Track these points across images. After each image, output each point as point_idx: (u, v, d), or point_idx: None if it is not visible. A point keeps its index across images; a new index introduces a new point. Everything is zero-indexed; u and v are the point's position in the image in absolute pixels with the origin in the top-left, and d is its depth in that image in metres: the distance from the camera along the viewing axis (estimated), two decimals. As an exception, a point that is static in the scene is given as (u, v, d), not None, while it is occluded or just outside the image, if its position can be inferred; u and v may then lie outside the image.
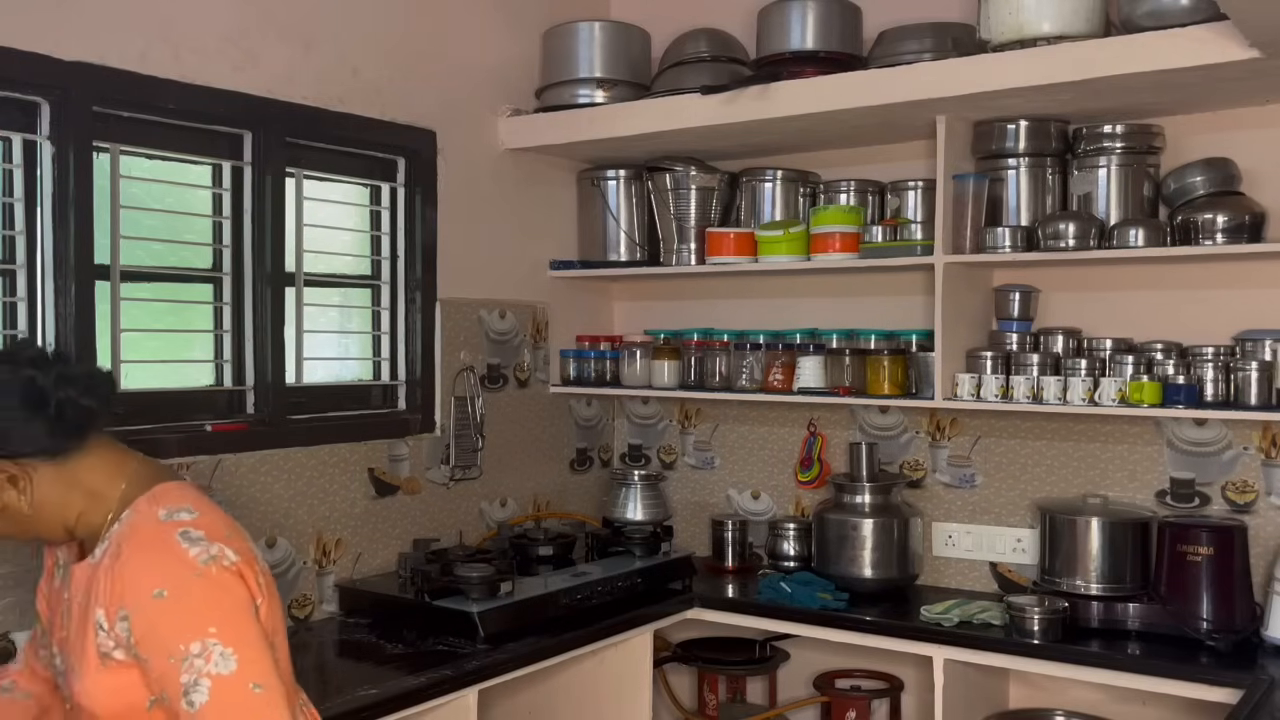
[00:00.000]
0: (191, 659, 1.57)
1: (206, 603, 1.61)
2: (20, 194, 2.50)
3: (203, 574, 1.61)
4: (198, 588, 1.61)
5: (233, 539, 1.70)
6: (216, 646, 1.58)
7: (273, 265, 2.91)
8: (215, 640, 1.58)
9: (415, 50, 3.24)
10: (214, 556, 1.63)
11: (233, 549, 1.67)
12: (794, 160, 3.62)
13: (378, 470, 3.15)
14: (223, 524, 1.72)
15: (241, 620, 1.62)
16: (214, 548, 1.64)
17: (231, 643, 1.58)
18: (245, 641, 1.60)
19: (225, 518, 1.75)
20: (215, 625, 1.59)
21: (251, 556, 1.70)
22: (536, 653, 2.76)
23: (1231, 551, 2.81)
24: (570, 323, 3.82)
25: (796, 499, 3.67)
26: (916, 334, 3.31)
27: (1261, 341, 2.84)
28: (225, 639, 1.58)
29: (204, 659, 1.57)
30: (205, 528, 1.67)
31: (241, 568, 1.66)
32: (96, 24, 2.52)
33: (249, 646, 1.60)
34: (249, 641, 1.61)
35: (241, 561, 1.66)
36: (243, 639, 1.60)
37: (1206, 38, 2.52)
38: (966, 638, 2.91)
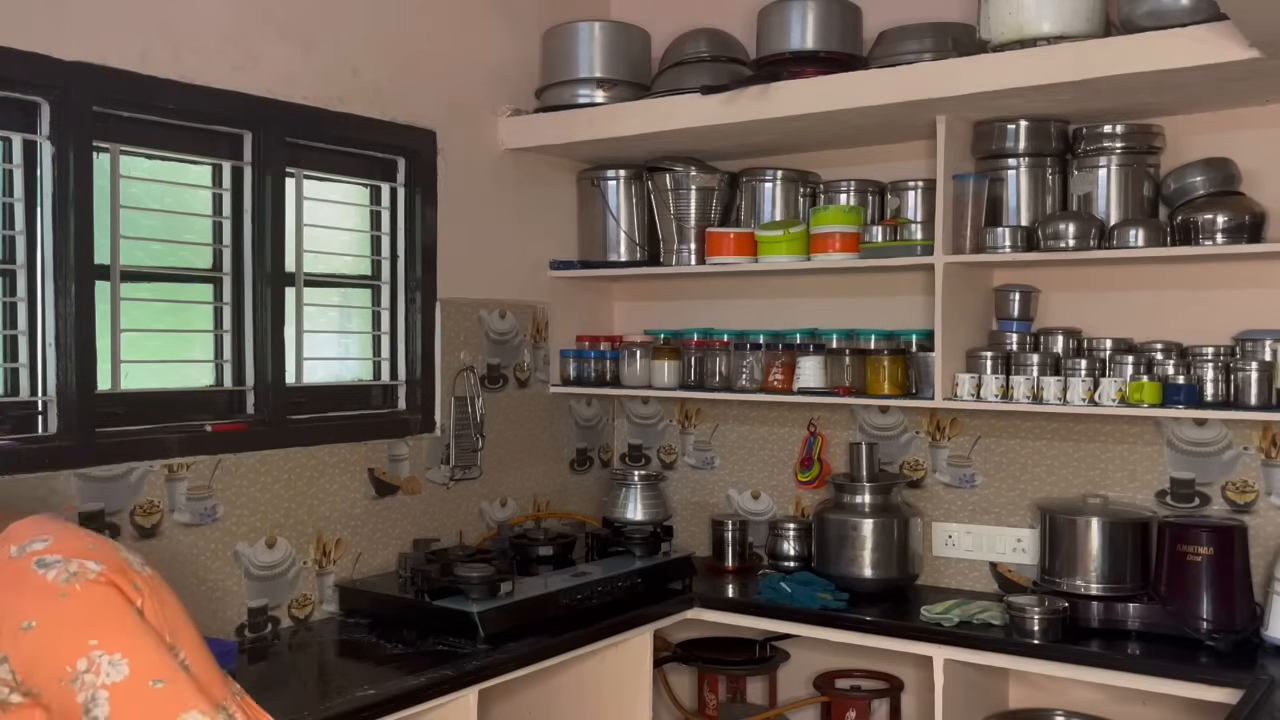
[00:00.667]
0: (80, 676, 1.48)
1: (79, 619, 1.52)
2: (20, 194, 2.50)
3: (67, 593, 1.55)
4: (65, 607, 1.52)
5: (95, 551, 1.59)
6: (103, 657, 1.49)
7: (273, 265, 2.91)
8: (100, 651, 1.49)
9: (415, 50, 3.24)
10: (74, 574, 1.56)
11: (94, 560, 1.58)
12: (794, 160, 3.62)
13: (378, 470, 3.15)
14: (81, 542, 1.61)
15: (121, 625, 1.53)
16: (73, 564, 1.57)
17: (117, 648, 1.50)
18: (132, 645, 1.52)
19: (85, 536, 1.64)
20: (95, 637, 1.50)
21: (120, 563, 1.59)
22: (536, 653, 2.76)
23: (1231, 551, 2.81)
24: (570, 323, 3.82)
25: (796, 499, 3.67)
26: (916, 334, 3.31)
27: (1261, 341, 2.84)
28: (109, 647, 1.51)
29: (93, 673, 1.48)
30: (60, 550, 1.58)
31: (110, 575, 1.56)
32: (96, 24, 2.52)
33: (137, 649, 1.52)
34: (136, 644, 1.52)
35: (108, 569, 1.57)
36: (128, 642, 1.52)
37: (1206, 38, 2.51)
38: (966, 638, 2.91)
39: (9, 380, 2.53)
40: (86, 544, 1.62)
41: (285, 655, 2.72)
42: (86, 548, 1.61)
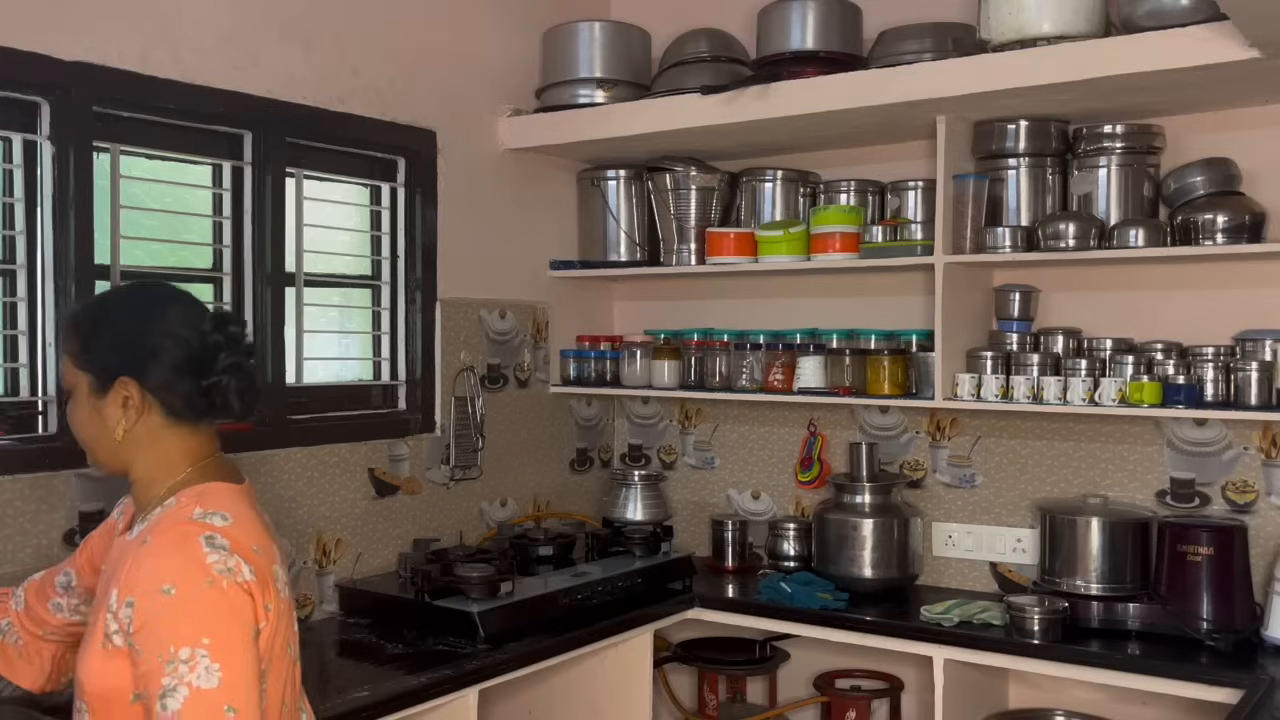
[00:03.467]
0: (178, 663, 1.54)
1: (207, 612, 1.58)
2: (20, 194, 2.50)
3: (214, 583, 1.59)
4: (204, 595, 1.58)
5: (257, 557, 1.65)
6: (205, 658, 1.55)
7: (273, 265, 2.91)
8: (205, 652, 1.55)
9: (415, 50, 3.24)
10: (230, 569, 1.60)
11: (252, 566, 1.63)
12: (794, 160, 3.62)
13: (378, 470, 3.15)
14: (253, 538, 1.68)
15: (237, 639, 1.59)
16: (233, 560, 1.61)
17: (220, 658, 1.55)
18: (234, 662, 1.57)
19: (261, 534, 1.71)
20: (209, 636, 1.56)
21: (269, 579, 1.66)
22: (536, 653, 2.76)
23: (1231, 551, 2.81)
24: (570, 323, 3.82)
25: (796, 499, 3.67)
26: (916, 334, 3.31)
27: (1261, 341, 2.84)
28: (215, 653, 1.55)
29: (189, 667, 1.54)
30: (233, 538, 1.64)
31: (254, 588, 1.62)
32: (96, 24, 2.52)
33: (236, 668, 1.57)
34: (238, 663, 1.58)
35: (256, 582, 1.62)
36: (233, 658, 1.57)
37: (1206, 38, 2.52)
38: (966, 638, 2.91)
39: (9, 380, 2.53)
40: (253, 544, 1.67)
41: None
42: (251, 549, 1.67)
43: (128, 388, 1.70)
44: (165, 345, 1.72)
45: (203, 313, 1.78)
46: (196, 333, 1.74)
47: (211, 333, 1.74)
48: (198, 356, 1.73)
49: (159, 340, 1.72)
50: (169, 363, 1.71)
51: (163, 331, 1.73)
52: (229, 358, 1.75)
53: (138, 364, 1.71)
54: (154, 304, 1.79)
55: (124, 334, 1.74)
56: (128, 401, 1.71)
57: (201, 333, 1.74)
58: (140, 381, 1.71)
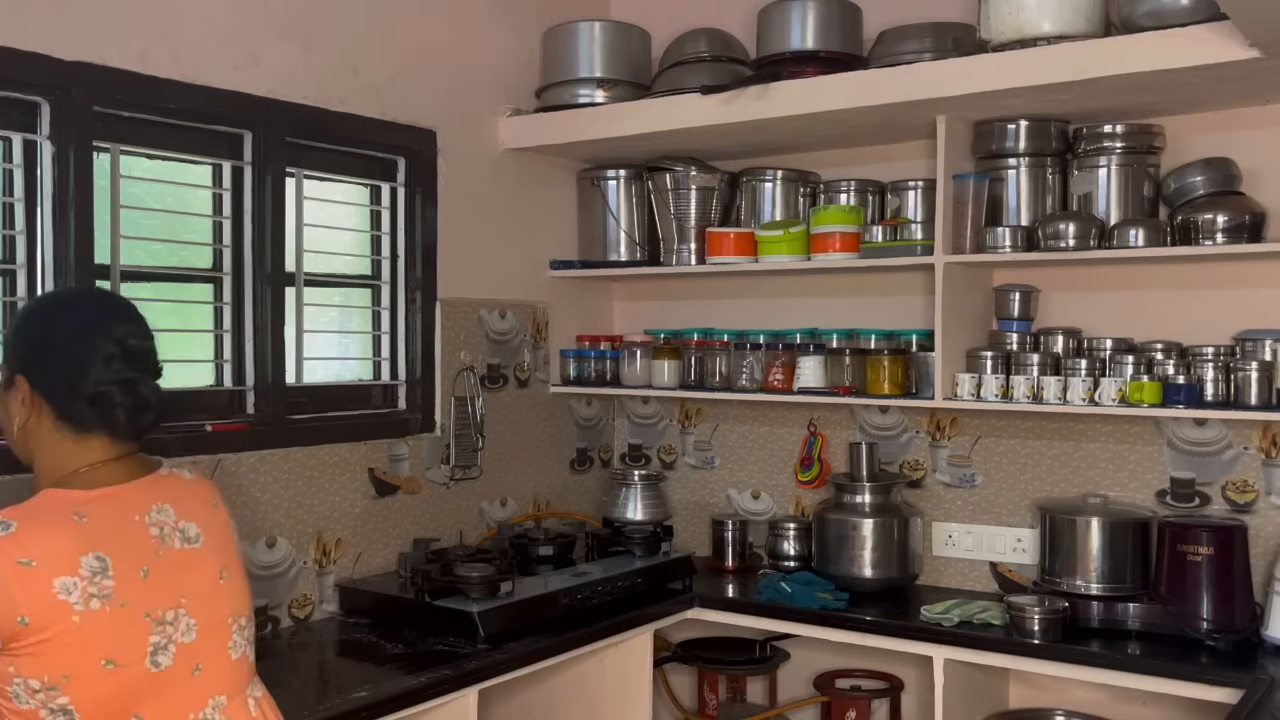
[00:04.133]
0: None
1: None
2: (20, 194, 2.50)
3: None
4: None
5: (23, 570, 1.61)
6: None
7: (273, 265, 2.91)
8: None
9: (415, 50, 3.24)
10: None
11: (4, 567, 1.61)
12: (794, 160, 3.62)
13: (378, 470, 3.15)
14: (33, 552, 1.63)
15: None
16: None
17: None
18: None
19: (65, 541, 1.66)
20: None
21: (39, 592, 1.62)
22: (536, 653, 2.76)
23: (1231, 551, 2.81)
24: (570, 323, 3.82)
25: (796, 499, 3.67)
26: (916, 334, 3.31)
27: (1261, 341, 2.84)
28: None
29: None
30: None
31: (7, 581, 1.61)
32: (96, 24, 2.52)
33: None
34: None
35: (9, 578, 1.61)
36: None
37: (1206, 38, 2.52)
38: (966, 638, 2.91)
39: None
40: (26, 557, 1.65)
41: (285, 655, 2.72)
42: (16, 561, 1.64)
43: (22, 386, 1.79)
44: (54, 351, 1.79)
45: (109, 323, 1.82)
46: (89, 343, 1.78)
47: (107, 345, 1.78)
48: (86, 367, 1.77)
49: (52, 345, 1.80)
50: (54, 369, 1.78)
51: (56, 338, 1.80)
52: (121, 372, 1.78)
53: (30, 364, 1.79)
54: (62, 311, 1.87)
55: (27, 336, 1.83)
56: (22, 399, 1.79)
57: (96, 343, 1.78)
58: (30, 381, 1.79)
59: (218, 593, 1.84)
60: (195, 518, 1.85)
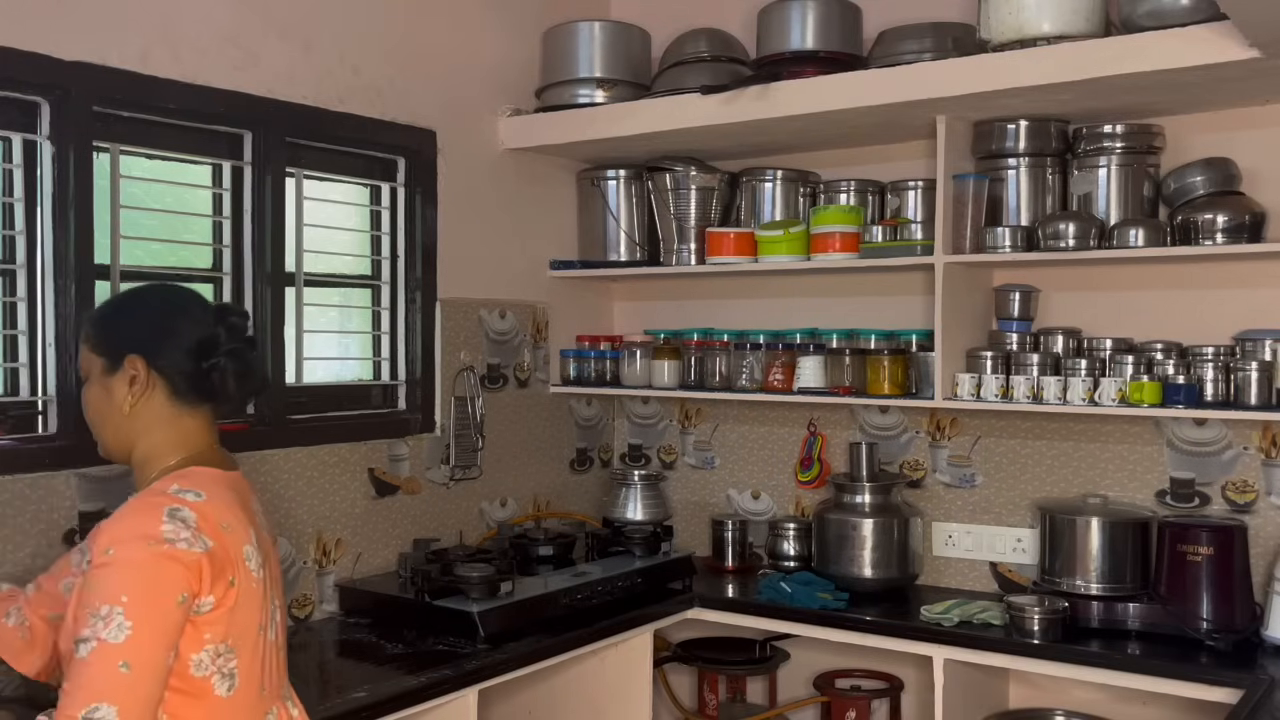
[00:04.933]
0: (98, 618, 1.61)
1: (134, 573, 1.64)
2: (20, 194, 2.50)
3: (153, 548, 1.65)
4: (137, 558, 1.64)
5: (224, 534, 1.73)
6: (119, 615, 1.61)
7: (273, 265, 2.91)
8: (121, 609, 1.61)
9: (415, 50, 3.24)
10: (181, 539, 1.66)
11: (215, 542, 1.70)
12: (794, 160, 3.62)
13: (378, 470, 3.15)
14: (225, 517, 1.75)
15: (157, 602, 1.64)
16: (188, 531, 1.67)
17: (133, 617, 1.61)
18: (148, 623, 1.62)
19: (237, 515, 1.78)
20: (128, 594, 1.62)
21: (235, 557, 1.73)
22: (536, 653, 2.76)
23: (1231, 551, 2.81)
24: (570, 323, 3.82)
25: (796, 499, 3.67)
26: (916, 334, 3.31)
27: (1261, 341, 2.84)
28: (130, 612, 1.61)
29: (104, 622, 1.60)
30: (202, 513, 1.71)
31: (205, 560, 1.68)
32: (96, 24, 2.52)
33: (147, 629, 1.62)
34: (151, 625, 1.63)
35: (212, 555, 1.69)
36: (147, 619, 1.62)
37: (1206, 38, 2.52)
38: (966, 638, 2.91)
39: (9, 380, 2.53)
40: (223, 522, 1.74)
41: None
42: (220, 525, 1.73)
43: (135, 365, 1.86)
44: (171, 328, 1.88)
45: (207, 304, 1.95)
46: (201, 320, 1.90)
47: (215, 322, 1.90)
48: (201, 340, 1.87)
49: (166, 324, 1.88)
50: (174, 344, 1.87)
51: (170, 317, 1.89)
52: (229, 344, 1.89)
53: (146, 344, 1.86)
54: (163, 296, 2.00)
55: (135, 319, 1.91)
56: (135, 379, 1.85)
57: (205, 321, 1.90)
58: (148, 360, 1.85)
59: (281, 584, 1.97)
60: (263, 513, 1.96)
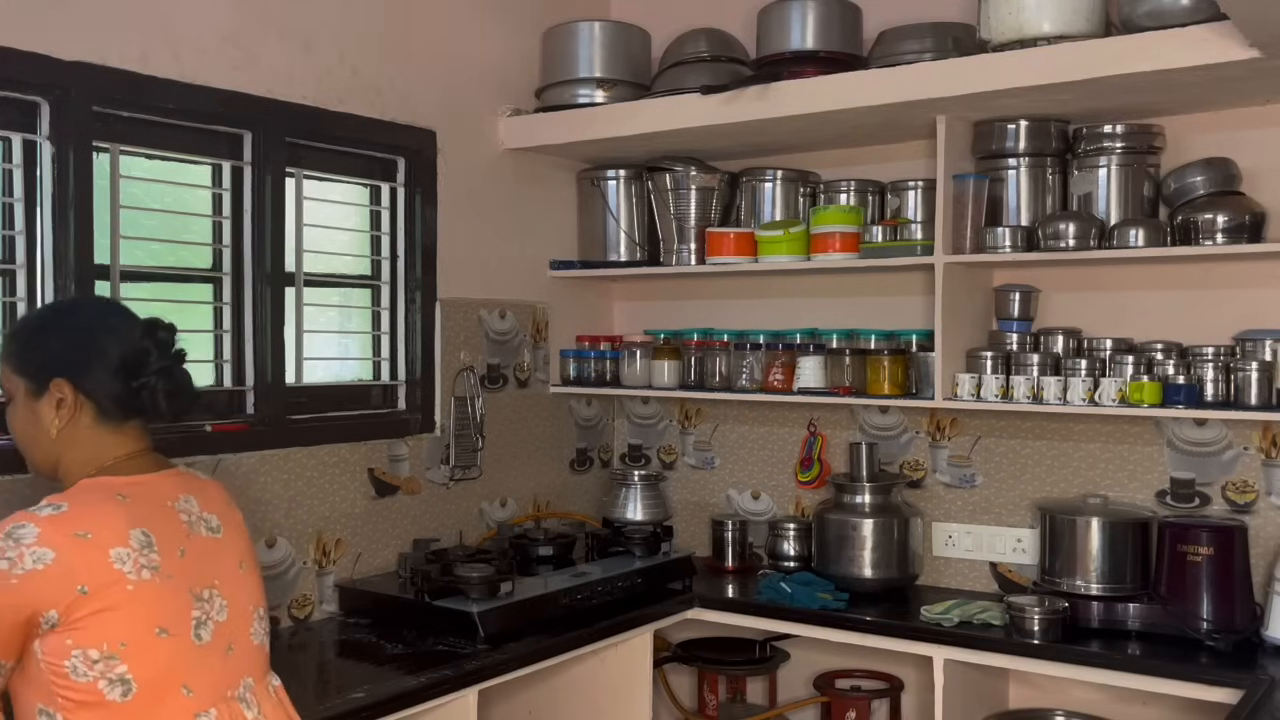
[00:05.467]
0: None
1: None
2: (20, 194, 2.50)
3: None
4: None
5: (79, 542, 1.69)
6: None
7: (273, 265, 2.91)
8: None
9: (415, 50, 3.24)
10: (10, 558, 1.66)
11: (56, 553, 1.67)
12: (794, 160, 3.62)
13: (378, 470, 3.15)
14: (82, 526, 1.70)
15: None
16: (13, 552, 1.67)
17: None
18: None
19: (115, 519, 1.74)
20: None
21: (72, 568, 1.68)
22: (536, 653, 2.76)
23: (1231, 551, 2.81)
24: (570, 323, 3.82)
25: (796, 499, 3.67)
26: (916, 334, 3.31)
27: (1261, 341, 2.84)
28: None
29: None
30: (50, 526, 1.69)
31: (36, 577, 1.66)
32: (96, 24, 2.52)
33: None
34: None
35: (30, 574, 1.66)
36: None
37: (1206, 38, 2.51)
38: (966, 638, 2.91)
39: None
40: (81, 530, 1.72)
41: (285, 655, 2.71)
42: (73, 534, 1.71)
43: (62, 389, 1.83)
44: (97, 350, 1.86)
45: (134, 320, 1.92)
46: (127, 338, 1.87)
47: (142, 339, 1.88)
48: (129, 360, 1.86)
49: (92, 344, 1.86)
50: (101, 364, 1.85)
51: (95, 337, 1.87)
52: (159, 362, 1.88)
53: (72, 366, 1.85)
54: (87, 312, 1.97)
55: (59, 340, 1.88)
56: (61, 402, 1.84)
57: (132, 338, 1.87)
58: (73, 383, 1.84)
59: (240, 581, 1.92)
60: (215, 511, 1.93)
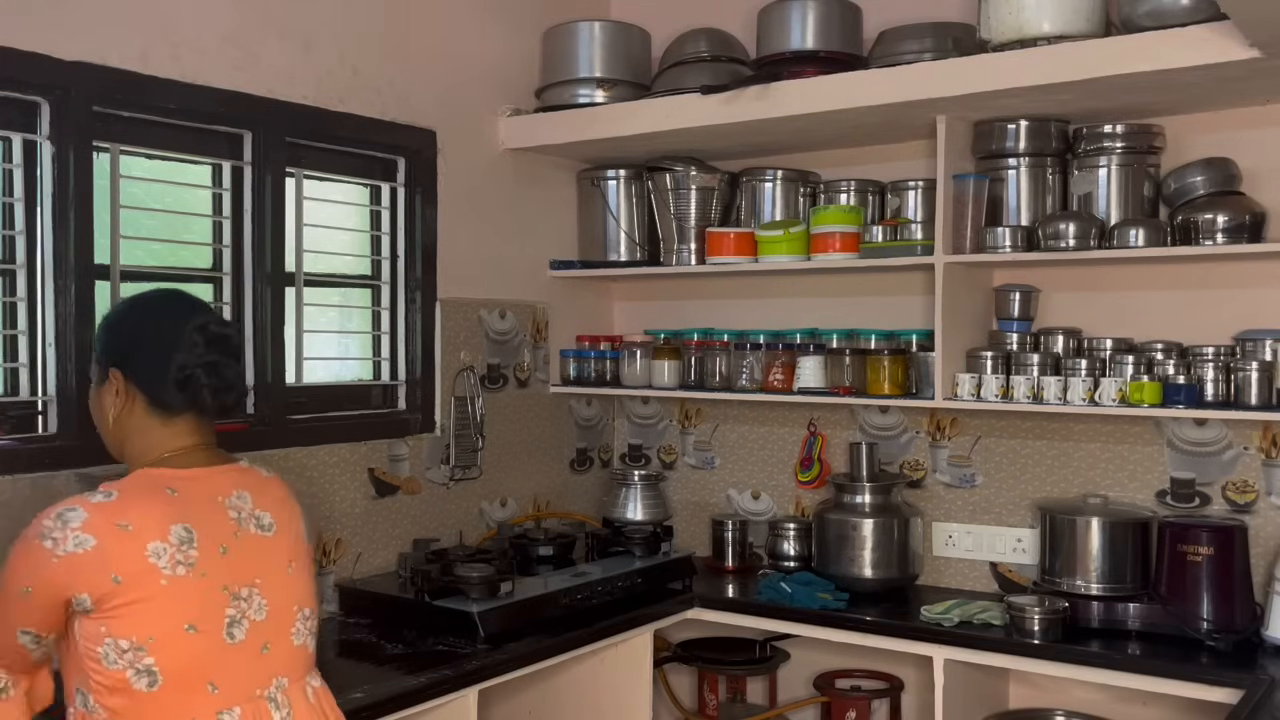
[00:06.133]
0: None
1: (8, 560, 1.77)
2: (20, 194, 2.50)
3: (26, 542, 1.75)
4: (16, 547, 1.77)
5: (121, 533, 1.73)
6: None
7: (273, 265, 2.91)
8: None
9: (415, 50, 3.24)
10: (55, 539, 1.72)
11: (99, 541, 1.71)
12: (794, 160, 3.62)
13: (378, 470, 3.15)
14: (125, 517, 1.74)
15: (6, 587, 1.76)
16: (67, 532, 1.72)
17: None
18: None
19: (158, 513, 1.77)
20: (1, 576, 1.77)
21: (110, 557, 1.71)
22: (536, 653, 2.76)
23: (1231, 551, 2.81)
24: (570, 323, 3.82)
25: (796, 499, 3.67)
26: (916, 334, 3.31)
27: (1261, 341, 2.84)
28: None
29: None
30: (100, 513, 1.74)
31: (80, 560, 1.71)
32: (96, 24, 2.52)
33: None
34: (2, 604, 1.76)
35: (90, 554, 1.71)
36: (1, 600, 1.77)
37: (1206, 38, 2.52)
38: (966, 638, 2.91)
39: (9, 380, 2.53)
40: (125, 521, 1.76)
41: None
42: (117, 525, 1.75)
43: (116, 379, 1.90)
44: (147, 342, 1.90)
45: (191, 314, 1.93)
46: (176, 333, 1.89)
47: (193, 332, 1.90)
48: (175, 355, 1.88)
49: (144, 337, 1.91)
50: (148, 358, 1.89)
51: (149, 330, 1.92)
52: (206, 356, 1.89)
53: (125, 358, 1.91)
54: (152, 306, 2.00)
55: (118, 331, 1.96)
56: (117, 391, 1.89)
57: (180, 334, 1.89)
58: (125, 373, 1.89)
59: (286, 581, 1.94)
60: (270, 509, 1.95)
